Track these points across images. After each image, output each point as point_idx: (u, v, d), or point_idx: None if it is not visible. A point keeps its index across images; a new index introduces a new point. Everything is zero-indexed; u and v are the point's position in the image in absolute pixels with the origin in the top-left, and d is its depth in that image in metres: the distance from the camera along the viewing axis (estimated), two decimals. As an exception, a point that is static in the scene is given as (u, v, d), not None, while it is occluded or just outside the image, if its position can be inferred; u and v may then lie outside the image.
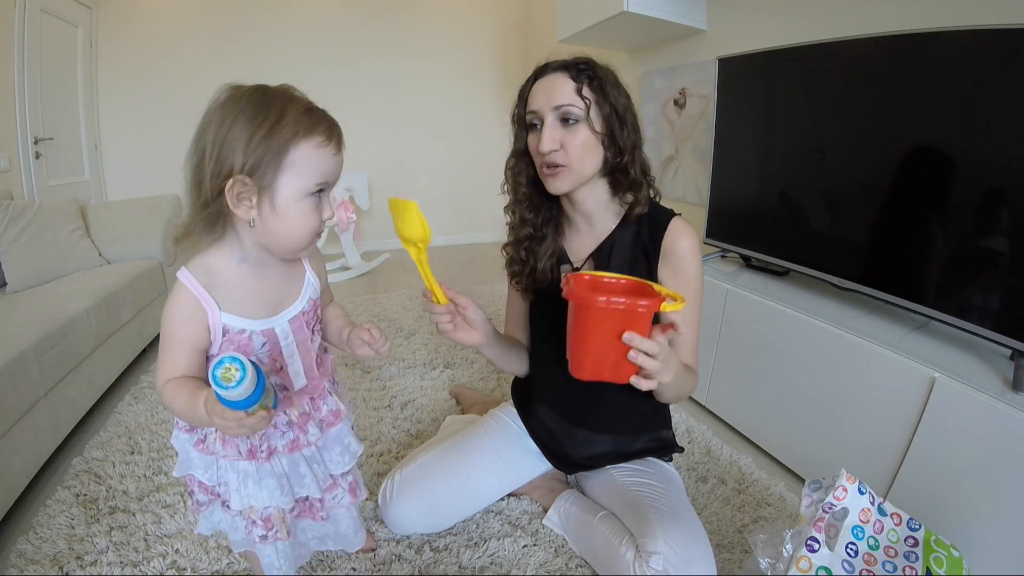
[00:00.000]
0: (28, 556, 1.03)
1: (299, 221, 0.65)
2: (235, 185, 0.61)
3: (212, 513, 0.82)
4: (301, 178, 0.63)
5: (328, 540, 0.94)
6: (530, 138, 0.91)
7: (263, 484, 0.75)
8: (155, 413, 1.58)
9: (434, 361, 1.95)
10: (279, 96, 0.63)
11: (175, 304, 0.66)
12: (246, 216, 0.63)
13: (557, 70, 0.87)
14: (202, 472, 0.76)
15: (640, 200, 0.92)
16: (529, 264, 1.00)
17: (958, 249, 1.09)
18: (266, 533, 0.78)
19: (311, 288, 0.78)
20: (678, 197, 2.33)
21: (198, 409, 0.62)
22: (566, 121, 0.85)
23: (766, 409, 1.41)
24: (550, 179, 0.89)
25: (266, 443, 0.75)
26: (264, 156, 0.60)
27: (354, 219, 3.28)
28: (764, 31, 1.78)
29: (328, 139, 0.65)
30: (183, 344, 0.67)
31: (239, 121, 0.60)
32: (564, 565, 1.02)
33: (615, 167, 0.90)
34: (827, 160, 1.39)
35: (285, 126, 0.61)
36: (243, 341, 0.70)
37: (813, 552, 0.80)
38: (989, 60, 0.99)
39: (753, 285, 1.53)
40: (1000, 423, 0.90)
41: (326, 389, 0.83)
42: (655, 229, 0.92)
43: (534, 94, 0.88)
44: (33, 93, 2.48)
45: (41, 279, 1.80)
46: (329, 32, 3.58)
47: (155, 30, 3.26)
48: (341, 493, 0.88)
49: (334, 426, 0.83)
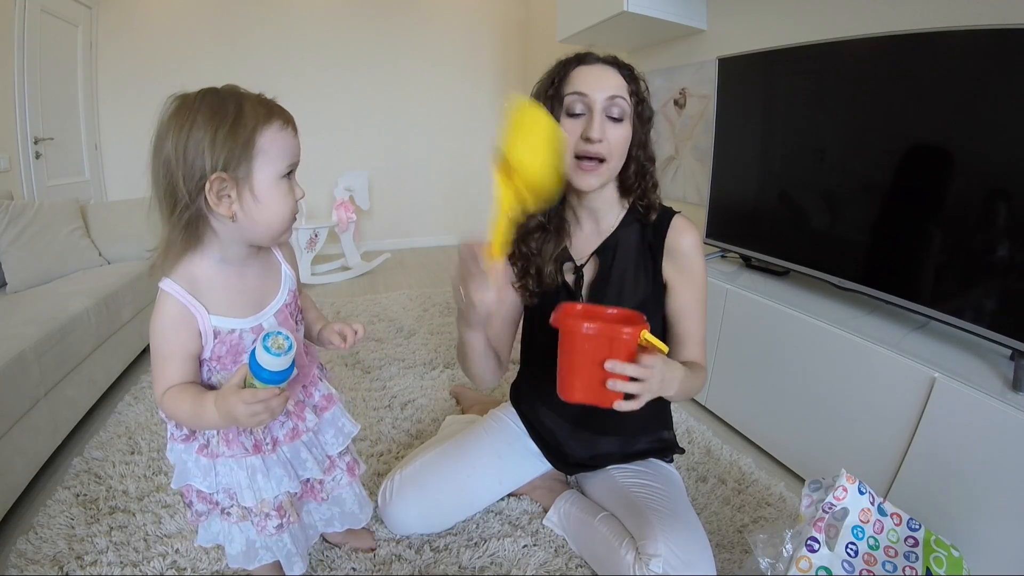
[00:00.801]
0: (28, 556, 1.03)
1: (279, 204, 0.67)
2: (214, 184, 0.62)
3: (211, 524, 0.83)
4: (273, 163, 0.65)
5: (335, 521, 0.93)
6: (568, 123, 0.84)
7: (271, 475, 0.76)
8: (155, 413, 1.58)
9: (434, 361, 1.95)
10: (230, 94, 0.65)
11: (163, 314, 0.67)
12: (228, 212, 0.64)
13: (607, 63, 0.86)
14: (200, 480, 0.76)
15: (654, 204, 0.93)
16: (535, 262, 0.96)
17: (958, 249, 1.09)
18: (281, 522, 0.79)
19: (289, 280, 0.80)
20: (678, 197, 2.33)
21: (206, 410, 0.64)
22: (613, 114, 0.84)
23: (766, 409, 1.41)
24: (586, 174, 0.85)
25: (269, 435, 0.76)
26: (233, 150, 0.62)
27: (354, 219, 3.29)
28: (764, 31, 1.78)
29: (286, 122, 0.67)
30: (176, 353, 0.68)
31: (197, 124, 0.61)
32: (564, 565, 1.02)
33: (637, 170, 0.91)
34: (827, 160, 1.39)
35: (247, 118, 0.63)
36: (234, 341, 0.70)
37: (813, 552, 0.80)
38: (989, 60, 0.99)
39: (753, 285, 1.53)
40: (1000, 423, 0.90)
41: (316, 376, 0.85)
42: (658, 227, 0.93)
43: (582, 78, 0.84)
44: (33, 93, 2.48)
45: (41, 279, 1.80)
46: (329, 31, 3.58)
47: (155, 30, 3.26)
48: (340, 474, 0.90)
49: (327, 410, 0.85)
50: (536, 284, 0.97)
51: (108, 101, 3.23)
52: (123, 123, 3.25)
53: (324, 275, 3.25)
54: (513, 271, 0.98)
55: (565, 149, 0.64)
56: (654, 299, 0.94)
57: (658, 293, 0.94)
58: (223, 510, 0.79)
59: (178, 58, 3.30)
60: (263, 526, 0.78)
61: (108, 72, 3.20)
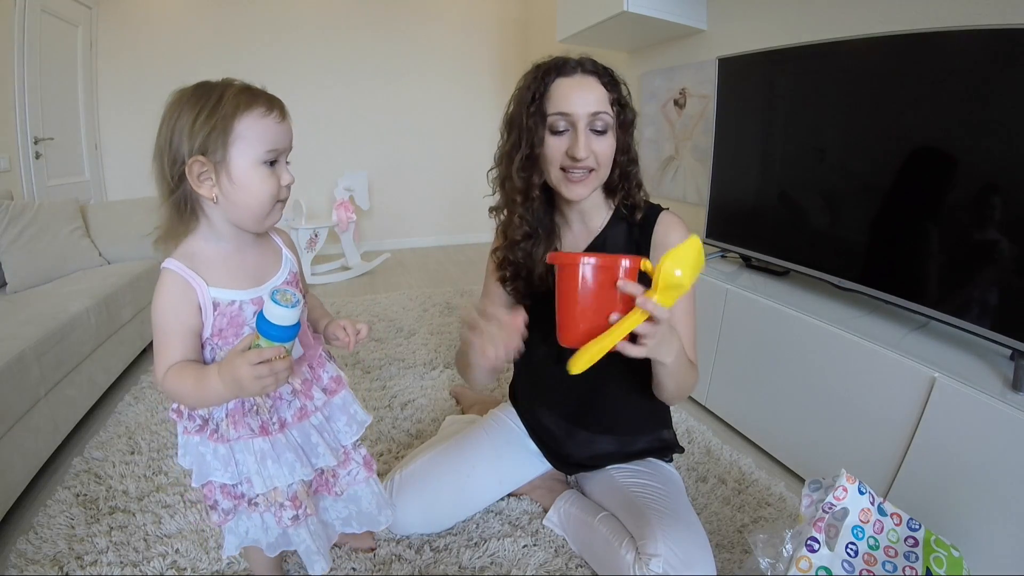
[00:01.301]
0: (28, 556, 1.03)
1: (258, 187, 0.68)
2: (193, 166, 0.65)
3: (238, 523, 0.81)
4: (251, 148, 0.67)
5: (352, 521, 0.92)
6: (553, 139, 0.85)
7: (282, 460, 0.75)
8: (155, 413, 1.58)
9: (434, 361, 1.95)
10: (218, 84, 0.68)
11: (163, 291, 0.69)
12: (209, 194, 0.67)
13: (587, 73, 0.85)
14: (222, 473, 0.74)
15: (639, 204, 0.93)
16: (526, 267, 0.97)
17: (958, 249, 1.09)
18: (296, 513, 0.78)
19: (290, 263, 0.81)
20: (678, 197, 2.33)
21: (210, 379, 0.65)
22: (597, 127, 0.84)
23: (766, 409, 1.41)
24: (575, 185, 0.86)
25: (275, 415, 0.76)
26: (211, 134, 0.65)
27: (354, 219, 3.29)
28: (764, 31, 1.79)
29: (269, 108, 0.68)
30: (178, 330, 0.69)
31: (183, 111, 0.65)
32: (564, 565, 1.02)
33: (621, 173, 0.91)
34: (827, 160, 1.39)
35: (225, 104, 0.65)
36: (234, 312, 0.71)
37: (813, 552, 0.79)
38: (989, 60, 0.99)
39: (753, 285, 1.53)
40: (1000, 423, 0.90)
41: (323, 356, 0.85)
42: (645, 224, 0.93)
43: (563, 95, 0.84)
44: (33, 93, 2.48)
45: (41, 279, 1.80)
46: (330, 31, 3.58)
47: (155, 30, 3.26)
48: (356, 468, 0.89)
49: (337, 393, 0.85)
50: (527, 286, 0.98)
51: (108, 101, 3.23)
52: (123, 123, 3.26)
53: (324, 275, 3.25)
54: (500, 276, 1.01)
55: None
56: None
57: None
58: (250, 501, 0.78)
59: (178, 58, 3.30)
60: (279, 517, 0.78)
61: (108, 72, 3.20)
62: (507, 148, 0.91)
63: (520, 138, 0.87)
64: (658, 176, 2.44)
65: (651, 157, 2.47)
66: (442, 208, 4.11)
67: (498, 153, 0.94)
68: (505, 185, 0.93)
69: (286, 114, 0.71)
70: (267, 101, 0.69)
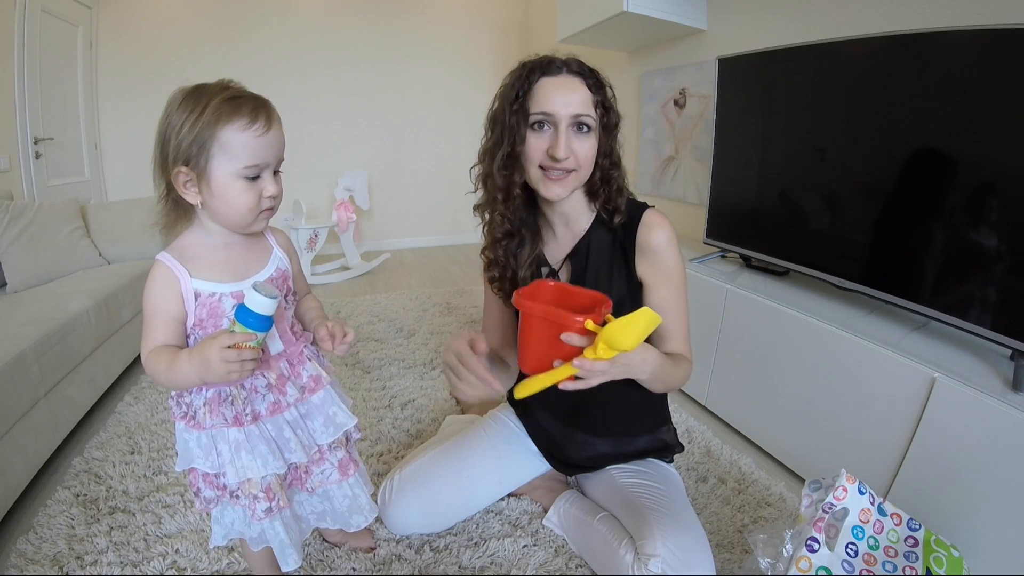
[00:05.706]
0: (28, 556, 1.03)
1: (236, 199, 0.70)
2: (178, 175, 0.69)
3: (223, 513, 0.83)
4: (231, 161, 0.68)
5: (327, 517, 0.93)
6: (534, 138, 0.84)
7: (256, 452, 0.76)
8: (155, 413, 1.58)
9: (434, 361, 1.95)
10: (208, 90, 0.69)
11: (152, 279, 0.73)
12: (194, 200, 0.71)
13: (572, 74, 0.84)
14: (203, 460, 0.76)
15: (619, 208, 0.91)
16: (511, 267, 0.97)
17: (958, 249, 1.09)
18: (270, 505, 0.79)
19: (278, 260, 0.83)
20: (678, 197, 2.33)
21: (180, 362, 0.68)
22: (579, 128, 0.84)
23: (766, 409, 1.41)
24: (554, 184, 0.86)
25: (249, 407, 0.77)
26: (192, 146, 0.67)
27: (354, 219, 3.29)
28: (764, 31, 1.79)
29: (252, 121, 0.68)
30: (161, 316, 0.72)
31: (172, 117, 0.68)
32: (564, 565, 1.02)
33: (602, 176, 0.89)
34: (827, 160, 1.38)
35: (206, 115, 0.66)
36: (214, 304, 0.73)
37: (813, 552, 0.80)
38: (989, 60, 0.99)
39: (753, 285, 1.53)
40: (1000, 423, 0.90)
41: (304, 355, 0.84)
42: (629, 224, 0.91)
43: (546, 95, 0.83)
44: (33, 93, 2.48)
45: (41, 279, 1.80)
46: (329, 32, 3.58)
47: (155, 30, 3.26)
48: (329, 468, 0.88)
49: (315, 392, 0.84)
50: (512, 287, 0.97)
51: (108, 101, 3.23)
52: (123, 123, 3.26)
53: (324, 275, 3.25)
54: (489, 277, 1.01)
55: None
56: (631, 298, 0.92)
57: (634, 292, 0.93)
58: (231, 494, 0.79)
59: (178, 58, 3.30)
60: (253, 509, 0.79)
61: (108, 72, 3.20)
62: (489, 145, 0.90)
63: (502, 135, 0.86)
64: (658, 176, 2.44)
65: (651, 157, 2.47)
66: (442, 208, 4.11)
67: (481, 149, 0.93)
68: (487, 183, 0.92)
69: (273, 123, 0.71)
70: (251, 111, 0.68)
